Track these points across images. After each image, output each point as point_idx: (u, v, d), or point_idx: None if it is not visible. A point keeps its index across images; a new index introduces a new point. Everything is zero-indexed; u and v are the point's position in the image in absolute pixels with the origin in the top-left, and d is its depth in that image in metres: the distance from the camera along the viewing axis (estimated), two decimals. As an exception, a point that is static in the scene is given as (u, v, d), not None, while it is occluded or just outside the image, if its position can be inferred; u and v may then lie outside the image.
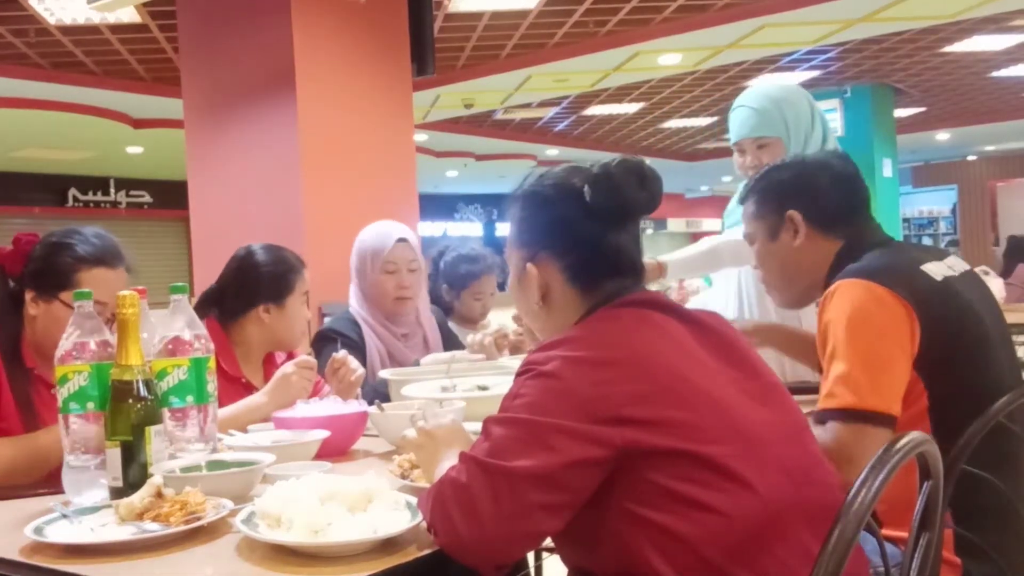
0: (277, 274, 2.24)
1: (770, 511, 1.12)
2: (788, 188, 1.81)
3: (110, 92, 7.68)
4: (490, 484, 1.12)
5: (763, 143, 2.41)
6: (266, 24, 4.52)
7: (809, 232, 1.77)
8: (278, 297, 2.23)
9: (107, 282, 1.81)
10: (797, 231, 1.78)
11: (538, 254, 1.35)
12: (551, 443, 1.11)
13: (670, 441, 1.12)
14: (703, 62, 7.89)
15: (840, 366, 1.53)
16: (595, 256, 1.33)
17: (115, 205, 13.39)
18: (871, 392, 1.50)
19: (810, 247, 1.77)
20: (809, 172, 1.80)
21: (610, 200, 1.32)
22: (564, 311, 1.35)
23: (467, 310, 3.17)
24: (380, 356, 2.54)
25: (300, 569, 1.13)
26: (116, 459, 1.40)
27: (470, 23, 6.51)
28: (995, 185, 16.36)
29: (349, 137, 4.64)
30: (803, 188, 1.79)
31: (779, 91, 2.45)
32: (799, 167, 1.83)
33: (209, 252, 4.92)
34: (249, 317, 2.22)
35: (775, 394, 1.27)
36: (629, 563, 1.12)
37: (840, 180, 1.79)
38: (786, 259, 1.80)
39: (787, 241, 1.79)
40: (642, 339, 1.22)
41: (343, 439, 1.83)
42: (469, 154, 12.86)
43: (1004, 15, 7.11)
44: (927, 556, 1.16)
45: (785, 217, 1.78)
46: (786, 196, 1.80)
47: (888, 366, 1.52)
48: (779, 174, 1.84)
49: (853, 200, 1.79)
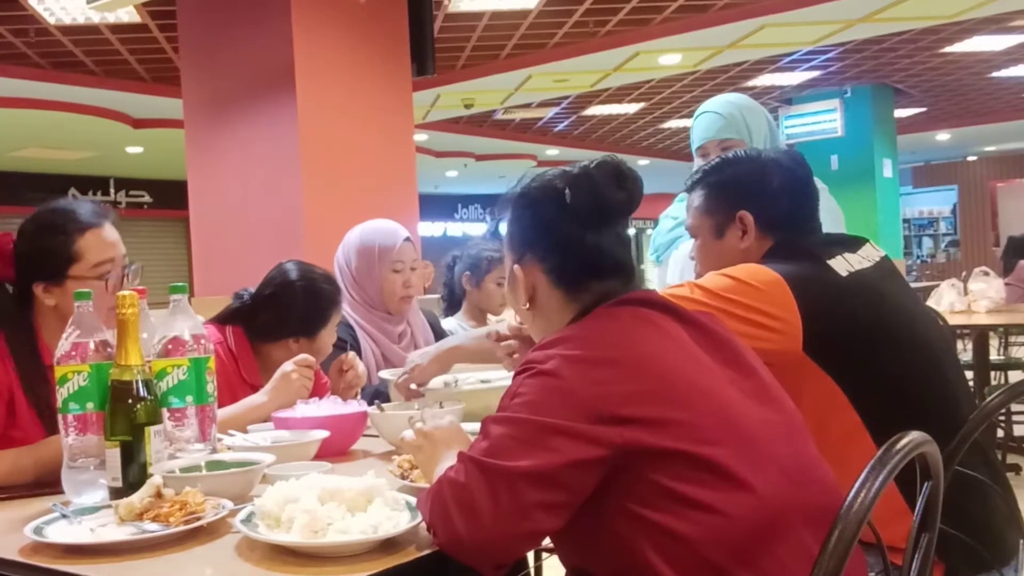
0: (312, 309, 2.21)
1: (769, 511, 1.12)
2: (743, 187, 1.75)
3: (110, 92, 7.69)
4: (489, 483, 1.12)
5: (727, 145, 2.40)
6: (266, 24, 4.52)
7: (757, 234, 1.72)
8: (311, 332, 2.21)
9: (105, 240, 1.80)
10: (746, 232, 1.73)
11: (524, 256, 1.37)
12: (550, 443, 1.11)
13: (669, 441, 1.12)
14: (703, 62, 7.89)
15: (694, 288, 1.58)
16: (576, 257, 1.33)
17: (115, 205, 13.38)
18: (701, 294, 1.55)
19: (752, 248, 1.72)
20: (764, 171, 1.74)
21: (589, 201, 1.32)
22: (552, 313, 1.35)
23: (487, 298, 3.13)
24: (375, 357, 2.54)
25: (300, 569, 1.12)
26: (116, 459, 1.40)
27: (470, 23, 6.51)
28: (995, 185, 16.37)
29: (349, 137, 4.65)
30: (757, 189, 1.73)
31: (741, 99, 2.49)
32: (754, 165, 1.76)
33: (209, 252, 4.93)
34: (278, 344, 2.20)
35: (771, 394, 1.28)
36: (628, 563, 1.13)
37: (792, 184, 1.73)
38: (727, 259, 1.72)
39: (733, 241, 1.74)
40: (641, 338, 1.22)
41: (343, 439, 1.83)
42: (469, 154, 12.87)
43: (1004, 15, 7.12)
44: (927, 557, 1.16)
45: (736, 217, 1.73)
46: (739, 196, 1.74)
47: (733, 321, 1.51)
48: (734, 170, 1.78)
49: (802, 206, 1.74)
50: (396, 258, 2.55)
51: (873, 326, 1.54)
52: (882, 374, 1.53)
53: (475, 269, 3.13)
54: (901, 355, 1.55)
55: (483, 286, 3.11)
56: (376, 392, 2.29)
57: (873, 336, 1.54)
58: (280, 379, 1.99)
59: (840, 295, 1.55)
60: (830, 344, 1.52)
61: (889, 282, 1.66)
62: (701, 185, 1.80)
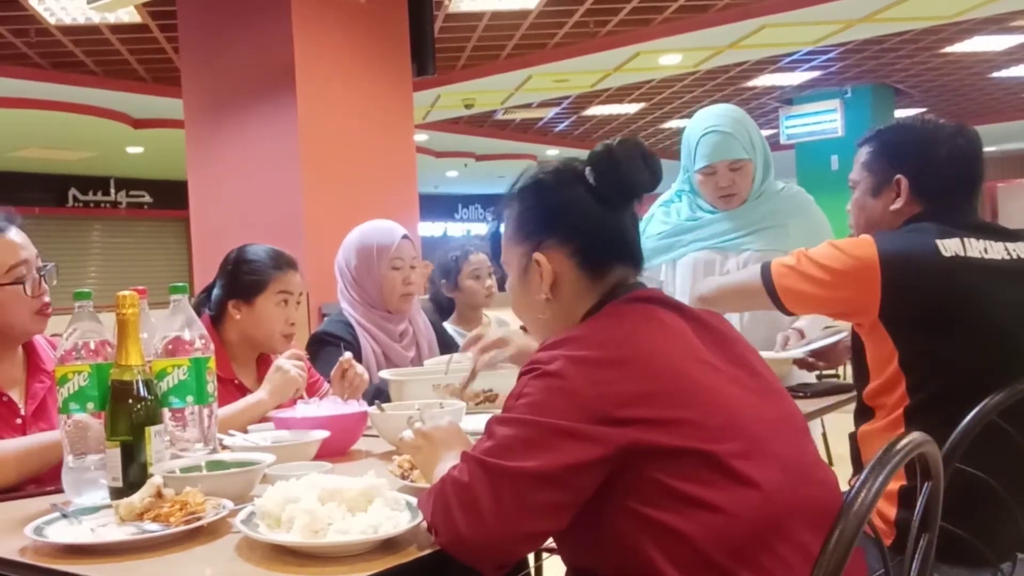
0: (249, 271, 2.23)
1: (772, 509, 1.11)
2: (908, 152, 1.81)
3: (110, 92, 7.69)
4: (492, 484, 1.12)
5: (737, 165, 2.45)
6: (266, 24, 4.52)
7: (909, 199, 1.79)
8: (247, 295, 2.21)
9: (11, 244, 1.75)
10: (899, 195, 1.80)
11: (544, 242, 1.33)
12: (553, 444, 1.11)
13: (674, 440, 1.11)
14: (703, 62, 7.89)
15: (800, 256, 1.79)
16: (602, 237, 1.32)
17: (115, 205, 13.39)
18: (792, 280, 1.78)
19: (902, 212, 1.80)
20: (934, 141, 1.80)
21: (615, 179, 1.30)
22: (573, 301, 1.32)
23: (470, 295, 3.12)
24: (376, 357, 2.54)
25: (300, 569, 1.12)
26: (116, 459, 1.40)
27: (470, 23, 6.51)
28: (995, 185, 16.36)
29: (349, 137, 4.65)
30: (922, 157, 1.79)
31: (739, 113, 2.51)
32: (926, 133, 1.83)
33: (209, 252, 4.92)
34: (227, 315, 2.22)
35: (775, 394, 1.27)
36: (630, 561, 1.12)
37: (958, 158, 1.79)
38: (877, 217, 1.84)
39: (886, 202, 1.82)
40: (647, 337, 1.22)
41: (343, 439, 1.83)
42: (469, 154, 12.87)
43: (1005, 15, 7.11)
44: (927, 556, 1.16)
45: (893, 180, 1.81)
46: (903, 159, 1.81)
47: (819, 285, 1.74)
48: (906, 134, 1.85)
49: (962, 182, 1.80)
50: (395, 255, 2.55)
51: (940, 309, 1.64)
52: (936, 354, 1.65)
53: (448, 274, 3.13)
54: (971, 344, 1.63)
55: (461, 285, 3.11)
56: (376, 392, 2.29)
57: (938, 317, 1.64)
58: (275, 372, 2.00)
59: (923, 274, 1.66)
60: (900, 318, 1.66)
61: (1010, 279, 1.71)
62: (871, 142, 1.88)
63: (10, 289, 1.73)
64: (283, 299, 2.22)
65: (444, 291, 3.16)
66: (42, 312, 1.79)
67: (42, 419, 1.78)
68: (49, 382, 1.80)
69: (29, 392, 1.81)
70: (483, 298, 3.12)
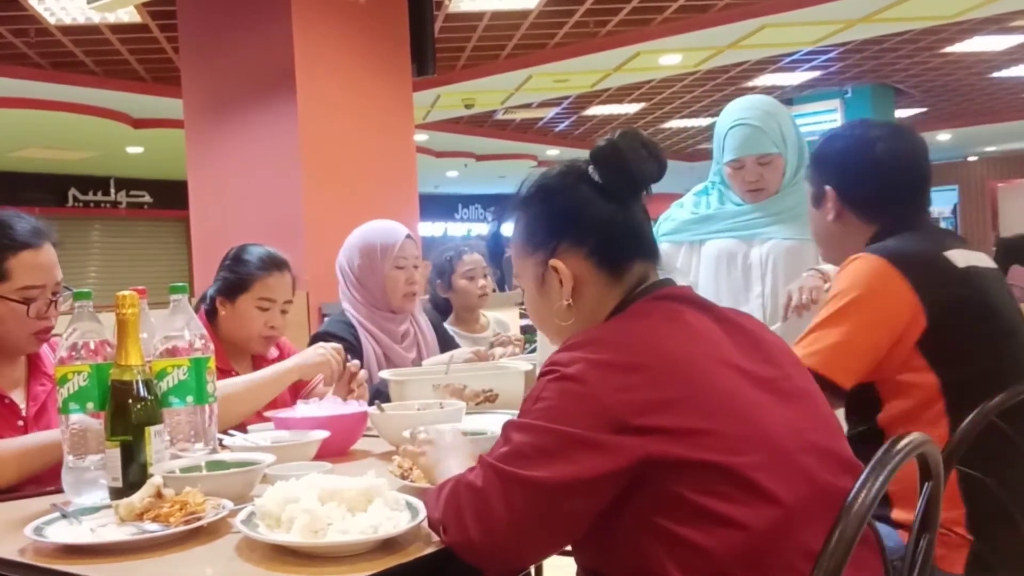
0: (236, 271, 2.27)
1: (796, 525, 1.08)
2: (831, 163, 1.81)
3: (110, 92, 7.68)
4: (505, 491, 1.10)
5: (766, 160, 2.41)
6: (266, 24, 4.52)
7: (841, 211, 1.78)
8: (230, 294, 2.25)
9: (39, 264, 1.72)
10: (831, 206, 1.80)
11: (558, 247, 1.29)
12: (569, 454, 1.08)
13: (694, 452, 1.08)
14: (704, 62, 7.89)
15: (826, 333, 1.63)
16: (617, 233, 1.29)
17: (115, 205, 13.39)
18: (836, 367, 1.61)
19: (842, 226, 1.78)
20: (856, 151, 1.78)
21: (620, 173, 1.28)
22: (597, 302, 1.29)
23: (464, 295, 3.12)
24: (377, 358, 2.54)
25: (300, 569, 1.12)
26: (116, 459, 1.40)
27: (470, 23, 6.51)
28: (996, 186, 16.37)
29: (349, 137, 4.64)
30: (846, 167, 1.78)
31: (771, 106, 2.46)
32: (848, 143, 1.81)
33: (209, 252, 4.91)
34: (217, 310, 2.27)
35: (807, 398, 1.23)
36: (644, 570, 1.10)
37: (889, 163, 1.75)
38: (820, 229, 1.84)
39: (824, 213, 1.82)
40: (670, 341, 1.18)
41: (343, 439, 1.83)
42: (469, 154, 12.86)
43: (1005, 15, 7.11)
44: (927, 556, 1.16)
45: (824, 190, 1.81)
46: (827, 170, 1.81)
47: (864, 353, 1.61)
48: (830, 145, 1.85)
49: (894, 185, 1.76)
50: (399, 255, 2.56)
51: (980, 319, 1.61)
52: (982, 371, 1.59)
53: (442, 274, 3.13)
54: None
55: (454, 285, 3.11)
56: (377, 392, 2.29)
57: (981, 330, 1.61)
58: (311, 350, 2.07)
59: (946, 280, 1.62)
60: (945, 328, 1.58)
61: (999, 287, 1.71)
62: (810, 156, 1.89)
63: (14, 305, 1.71)
64: (263, 304, 2.25)
65: (438, 291, 3.16)
66: (40, 336, 1.77)
67: (43, 421, 1.78)
68: (50, 384, 1.79)
69: (31, 394, 1.81)
70: (476, 299, 3.12)
